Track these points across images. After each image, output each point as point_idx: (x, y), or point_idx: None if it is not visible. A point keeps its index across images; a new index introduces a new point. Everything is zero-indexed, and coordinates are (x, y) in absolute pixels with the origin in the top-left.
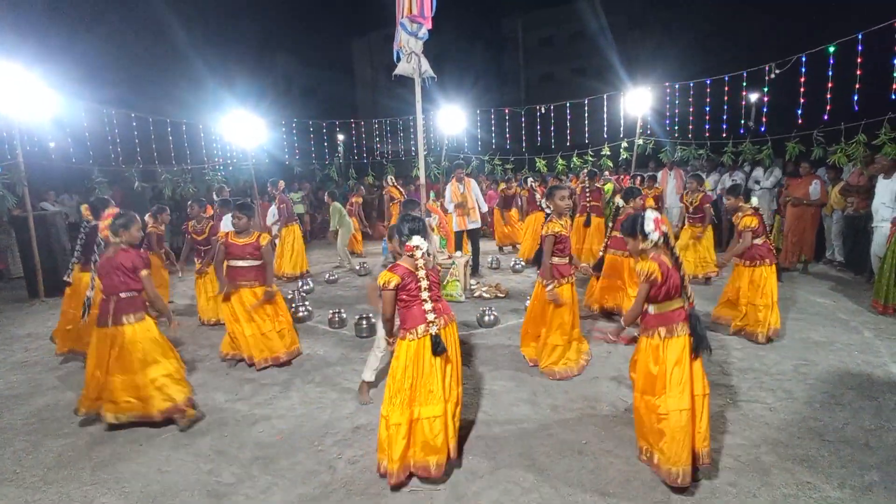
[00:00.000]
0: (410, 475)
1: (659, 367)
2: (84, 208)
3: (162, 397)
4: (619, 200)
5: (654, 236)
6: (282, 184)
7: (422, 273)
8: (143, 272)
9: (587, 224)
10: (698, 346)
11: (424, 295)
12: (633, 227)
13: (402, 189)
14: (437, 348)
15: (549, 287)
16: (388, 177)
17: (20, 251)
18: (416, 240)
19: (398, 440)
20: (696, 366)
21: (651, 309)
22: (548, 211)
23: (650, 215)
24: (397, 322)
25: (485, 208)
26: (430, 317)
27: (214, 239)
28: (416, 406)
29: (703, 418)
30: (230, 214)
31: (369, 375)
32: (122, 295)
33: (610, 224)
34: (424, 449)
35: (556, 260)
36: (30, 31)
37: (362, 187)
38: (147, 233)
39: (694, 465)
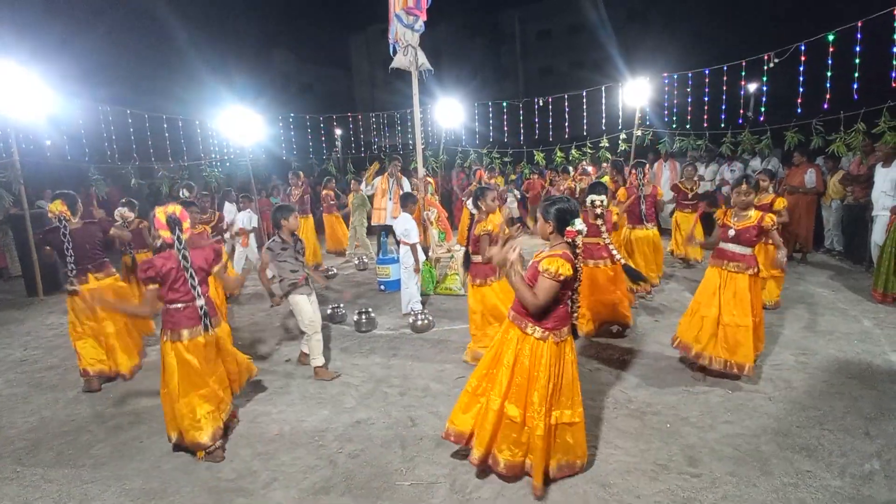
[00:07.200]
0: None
1: None
2: (58, 204)
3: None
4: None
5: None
6: (302, 175)
7: (579, 264)
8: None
9: None
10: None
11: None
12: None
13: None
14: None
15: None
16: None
17: (18, 250)
18: (579, 224)
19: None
20: None
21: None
22: (478, 210)
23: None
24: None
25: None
26: (574, 318)
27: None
28: (554, 412)
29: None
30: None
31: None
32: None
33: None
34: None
35: (479, 259)
36: (26, 28)
37: (333, 179)
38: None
39: None
